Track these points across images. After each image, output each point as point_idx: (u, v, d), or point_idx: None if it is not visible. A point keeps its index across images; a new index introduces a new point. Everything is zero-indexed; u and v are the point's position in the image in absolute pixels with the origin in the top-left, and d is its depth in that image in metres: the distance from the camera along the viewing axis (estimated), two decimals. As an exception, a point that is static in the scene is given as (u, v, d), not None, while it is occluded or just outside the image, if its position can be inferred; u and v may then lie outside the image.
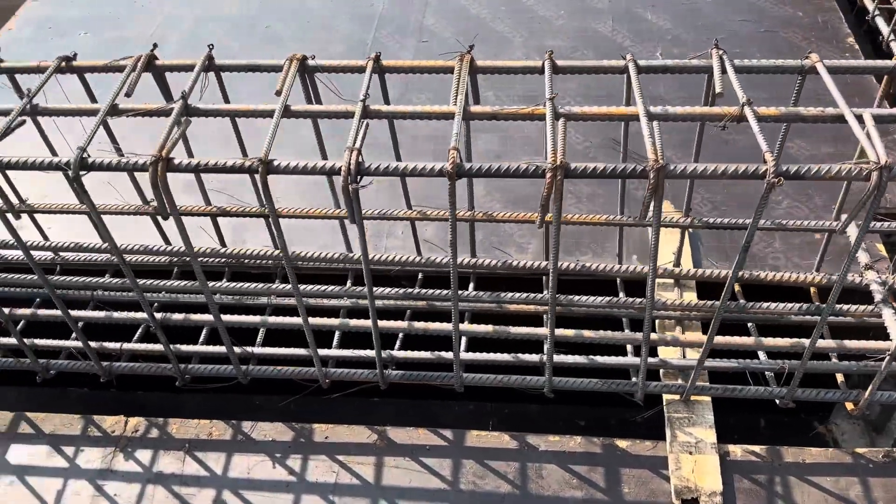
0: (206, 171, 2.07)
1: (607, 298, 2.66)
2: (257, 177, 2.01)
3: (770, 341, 2.49)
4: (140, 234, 3.05)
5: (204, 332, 2.89)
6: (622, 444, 2.59)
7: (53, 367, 2.82)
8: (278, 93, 2.26)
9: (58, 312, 2.72)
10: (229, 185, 3.27)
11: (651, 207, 1.97)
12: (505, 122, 2.20)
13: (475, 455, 2.58)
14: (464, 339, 2.75)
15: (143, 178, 2.60)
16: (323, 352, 2.70)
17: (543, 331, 2.53)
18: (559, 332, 2.57)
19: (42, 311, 2.78)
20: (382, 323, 2.55)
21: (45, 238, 3.15)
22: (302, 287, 2.82)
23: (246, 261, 3.02)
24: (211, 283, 2.92)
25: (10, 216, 2.37)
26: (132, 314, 2.77)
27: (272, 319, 2.67)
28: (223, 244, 3.10)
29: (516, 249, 3.26)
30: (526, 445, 2.59)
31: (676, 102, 2.22)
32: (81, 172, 2.06)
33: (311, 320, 2.68)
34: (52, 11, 5.07)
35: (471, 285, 3.01)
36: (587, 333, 2.55)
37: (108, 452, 2.66)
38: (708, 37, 4.44)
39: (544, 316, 2.85)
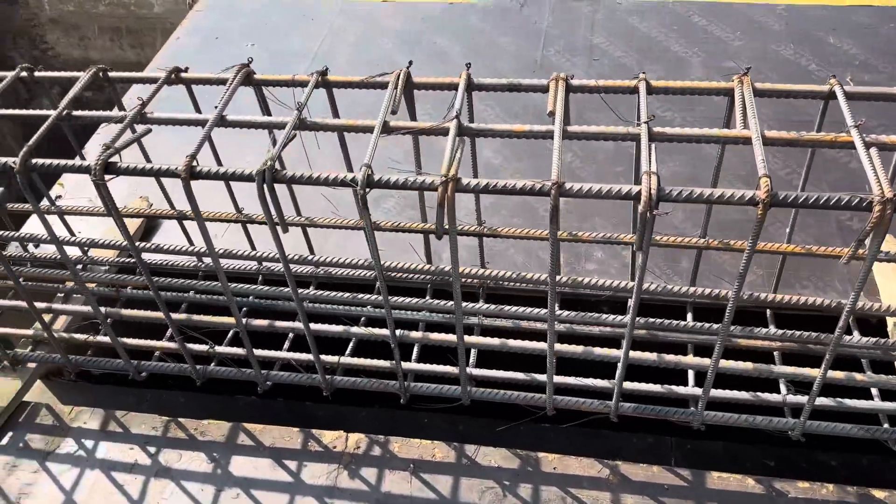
0: (494, 193, 2.01)
1: (877, 340, 2.50)
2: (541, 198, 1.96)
3: None
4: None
5: (415, 349, 2.84)
6: (878, 494, 2.42)
7: (272, 378, 2.81)
8: (551, 114, 2.20)
9: (284, 324, 2.73)
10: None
11: None
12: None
13: (720, 498, 2.44)
14: (691, 373, 2.65)
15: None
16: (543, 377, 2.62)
17: (814, 371, 2.38)
18: (812, 372, 2.42)
19: (261, 322, 2.78)
20: (635, 354, 2.45)
21: (253, 247, 3.17)
22: (523, 309, 2.75)
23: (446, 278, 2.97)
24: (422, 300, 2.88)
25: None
26: (374, 330, 2.71)
27: (512, 343, 2.59)
28: (430, 260, 3.07)
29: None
30: (773, 491, 2.45)
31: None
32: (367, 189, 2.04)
33: (531, 344, 2.62)
34: (217, 22, 5.18)
35: (688, 315, 2.90)
36: (858, 377, 2.40)
37: (332, 469, 2.62)
38: (899, 62, 4.24)
39: (775, 353, 2.70)
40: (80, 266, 3.33)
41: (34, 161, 2.22)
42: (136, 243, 3.05)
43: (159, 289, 3.06)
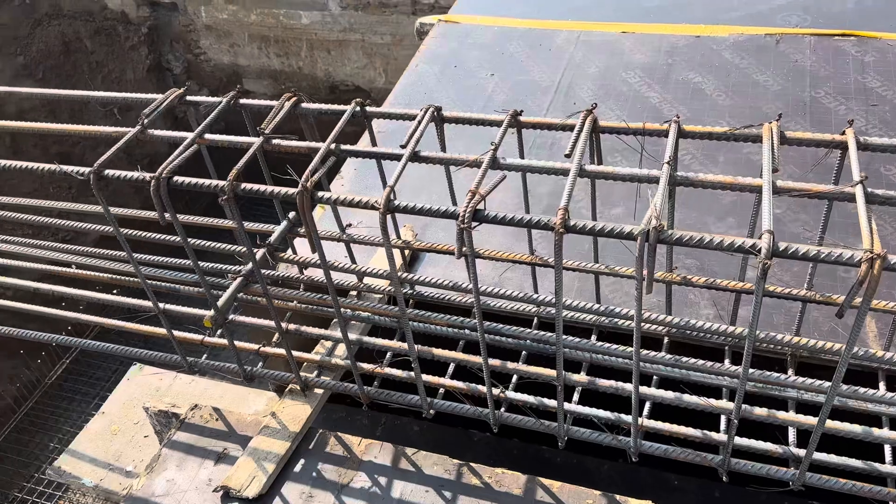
0: (812, 261, 1.80)
1: None
2: None
3: None
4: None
5: (723, 422, 2.63)
6: None
7: (572, 434, 2.69)
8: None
9: (608, 382, 2.60)
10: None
11: None
12: None
13: None
14: None
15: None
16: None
17: None
18: None
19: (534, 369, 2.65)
20: None
21: (536, 290, 3.08)
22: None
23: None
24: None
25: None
26: (713, 401, 2.50)
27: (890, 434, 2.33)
28: (733, 321, 2.86)
29: None
30: None
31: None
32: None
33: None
34: (453, 50, 5.19)
35: None
36: None
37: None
38: None
39: None
40: (354, 293, 3.37)
41: (396, 202, 2.20)
42: (480, 286, 2.97)
43: (428, 322, 3.00)
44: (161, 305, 2.94)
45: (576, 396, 2.81)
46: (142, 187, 2.45)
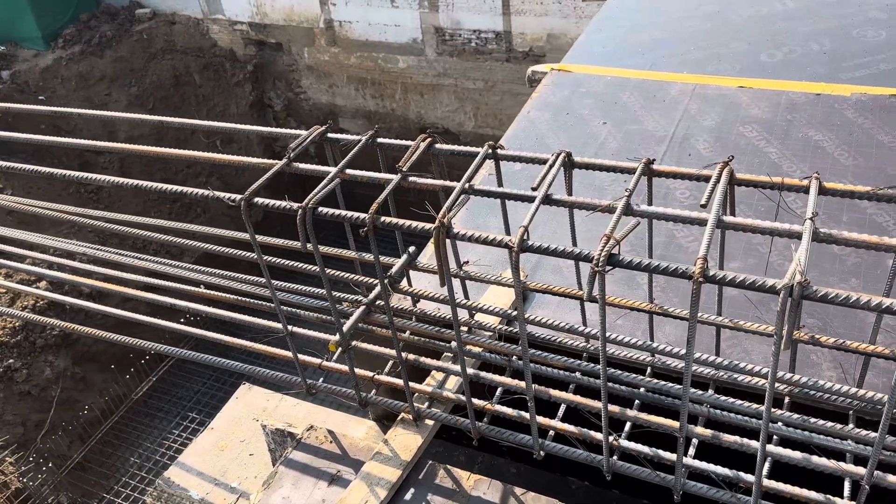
0: None
1: None
2: None
3: None
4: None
5: (851, 486, 2.54)
6: None
7: (689, 489, 2.65)
8: None
9: (732, 438, 2.56)
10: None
11: None
12: None
13: None
14: None
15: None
16: None
17: None
18: None
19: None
20: None
21: (649, 339, 3.07)
22: None
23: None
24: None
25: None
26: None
27: None
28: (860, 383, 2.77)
29: None
30: None
31: None
32: None
33: None
34: (565, 99, 5.29)
35: None
36: None
37: None
38: None
39: None
40: (465, 329, 3.44)
41: (530, 242, 2.27)
42: (590, 330, 3.00)
43: (543, 363, 3.03)
44: (289, 328, 3.09)
45: (691, 451, 2.77)
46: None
